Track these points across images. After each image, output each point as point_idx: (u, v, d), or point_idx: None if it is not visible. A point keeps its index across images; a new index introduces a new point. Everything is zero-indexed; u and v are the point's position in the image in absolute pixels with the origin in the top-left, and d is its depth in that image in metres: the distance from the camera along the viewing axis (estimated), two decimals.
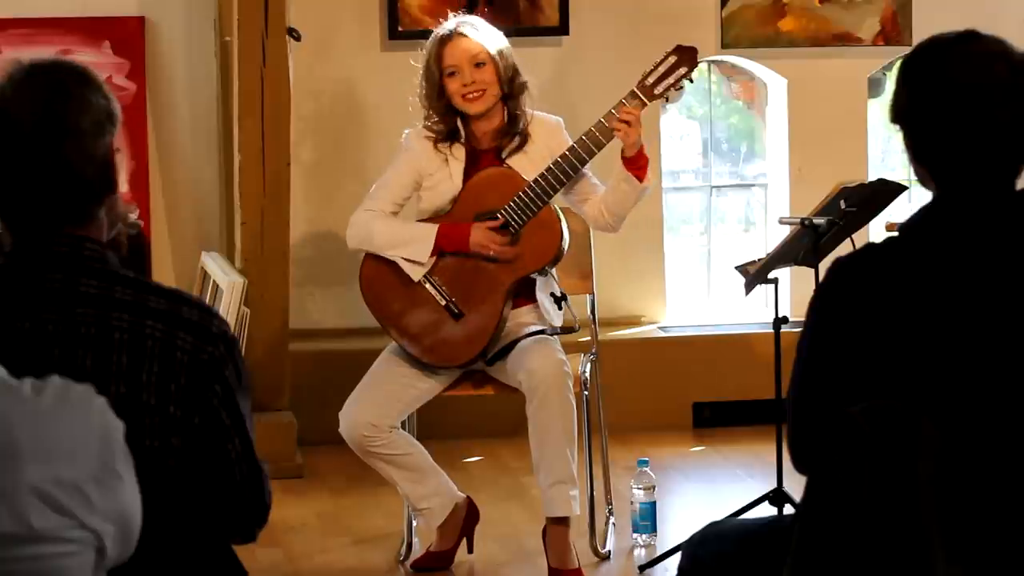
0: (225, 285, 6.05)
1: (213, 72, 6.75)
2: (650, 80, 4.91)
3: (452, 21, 5.04)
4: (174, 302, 2.56)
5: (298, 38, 6.23)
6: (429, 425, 5.36)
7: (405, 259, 4.95)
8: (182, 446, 2.53)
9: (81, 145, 2.53)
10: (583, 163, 4.89)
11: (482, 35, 5.00)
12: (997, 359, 2.65)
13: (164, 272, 6.74)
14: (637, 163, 4.88)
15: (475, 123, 5.02)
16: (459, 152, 5.01)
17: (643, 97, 4.89)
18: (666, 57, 4.93)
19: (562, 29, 6.95)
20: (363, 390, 4.92)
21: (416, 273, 4.95)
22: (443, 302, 4.95)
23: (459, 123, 5.01)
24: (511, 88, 5.00)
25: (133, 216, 2.78)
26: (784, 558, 2.71)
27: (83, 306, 2.51)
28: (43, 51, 6.39)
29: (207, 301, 5.93)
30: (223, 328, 2.59)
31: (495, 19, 7.02)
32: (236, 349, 2.60)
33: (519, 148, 5.01)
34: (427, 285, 4.96)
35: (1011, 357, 2.65)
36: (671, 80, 4.91)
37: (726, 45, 7.11)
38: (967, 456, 2.64)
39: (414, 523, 5.13)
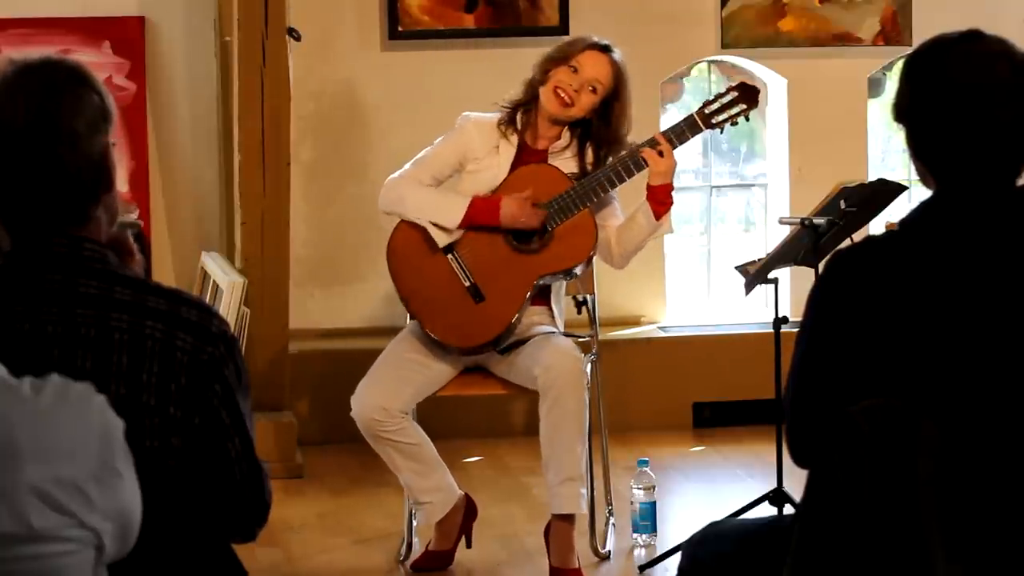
0: (225, 285, 6.05)
1: (213, 72, 6.76)
2: (709, 110, 4.98)
3: (609, 44, 5.00)
4: (173, 302, 2.56)
5: (298, 38, 6.23)
6: (429, 425, 5.34)
7: (433, 224, 4.95)
8: (182, 446, 2.53)
9: (76, 146, 2.51)
10: (630, 173, 4.91)
11: (619, 74, 4.97)
12: (996, 356, 2.65)
13: (164, 272, 6.74)
14: (659, 197, 4.90)
15: (541, 120, 5.00)
16: (512, 141, 5.01)
17: (700, 124, 4.96)
18: (729, 91, 5.04)
19: (562, 29, 6.95)
20: (374, 373, 4.92)
21: (442, 240, 4.95)
22: (467, 283, 4.96)
23: (520, 112, 5.01)
24: (597, 132, 4.97)
25: (133, 216, 2.77)
26: (784, 558, 2.71)
27: (83, 307, 2.51)
28: (42, 51, 6.39)
29: (207, 301, 5.93)
30: (223, 328, 2.58)
31: (495, 19, 7.04)
32: (236, 349, 2.60)
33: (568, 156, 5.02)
34: (454, 264, 4.97)
35: (1010, 355, 2.65)
36: (731, 113, 5.01)
37: (726, 45, 7.12)
38: (967, 455, 2.64)
39: (414, 523, 5.13)
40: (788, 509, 4.89)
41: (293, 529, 5.50)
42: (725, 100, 5.01)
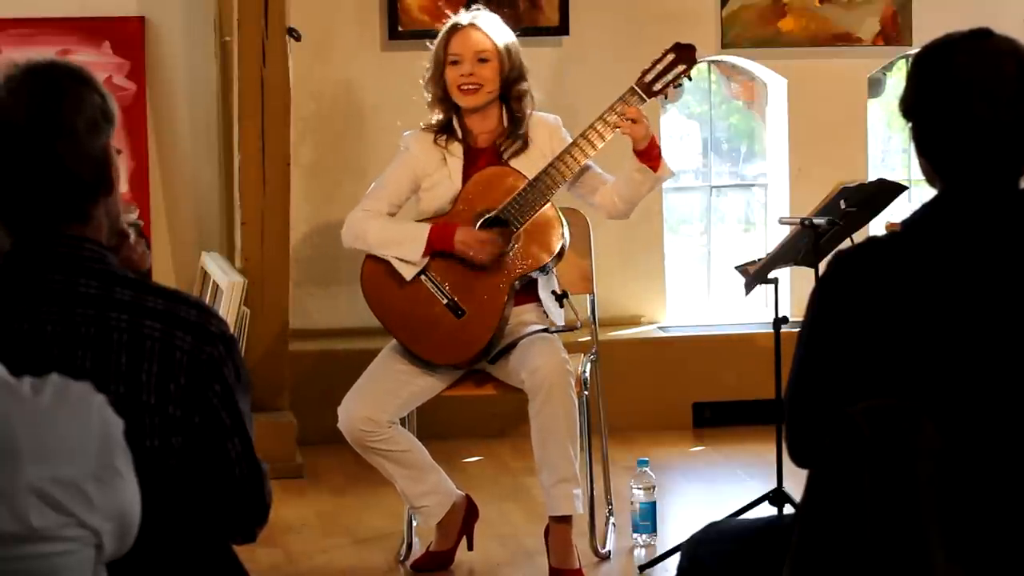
0: (225, 285, 6.05)
1: (213, 72, 6.76)
2: (648, 77, 4.95)
3: (467, 14, 5.05)
4: (172, 302, 2.56)
5: (298, 38, 6.24)
6: (429, 425, 5.36)
7: (398, 259, 4.96)
8: (182, 446, 2.53)
9: (75, 144, 2.52)
10: (584, 160, 4.90)
11: (493, 32, 5.02)
12: (997, 357, 2.65)
13: (164, 272, 6.74)
14: (650, 155, 4.90)
15: (470, 120, 5.03)
16: (456, 150, 5.02)
17: (642, 94, 4.92)
18: (664, 55, 4.97)
19: (562, 29, 6.95)
20: (361, 385, 4.92)
21: (408, 272, 4.95)
22: (444, 301, 4.95)
23: (454, 120, 5.02)
24: (510, 91, 5.01)
25: (133, 216, 2.78)
26: (784, 558, 2.71)
27: (82, 306, 2.51)
28: (43, 51, 6.40)
29: (207, 301, 5.93)
30: (222, 327, 2.59)
31: None
32: (235, 348, 2.60)
33: (520, 151, 5.01)
34: (428, 284, 4.96)
35: (1011, 356, 2.65)
36: (669, 77, 4.96)
37: (726, 45, 7.12)
38: (967, 455, 2.63)
39: (414, 523, 5.13)
40: (788, 509, 4.89)
41: (293, 529, 5.51)
42: (662, 65, 4.96)
